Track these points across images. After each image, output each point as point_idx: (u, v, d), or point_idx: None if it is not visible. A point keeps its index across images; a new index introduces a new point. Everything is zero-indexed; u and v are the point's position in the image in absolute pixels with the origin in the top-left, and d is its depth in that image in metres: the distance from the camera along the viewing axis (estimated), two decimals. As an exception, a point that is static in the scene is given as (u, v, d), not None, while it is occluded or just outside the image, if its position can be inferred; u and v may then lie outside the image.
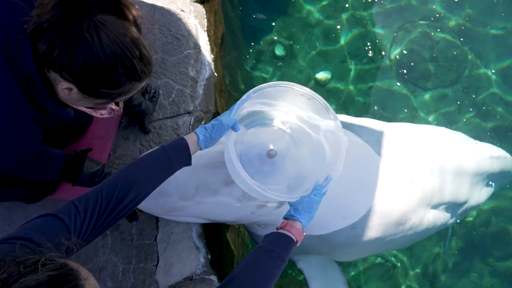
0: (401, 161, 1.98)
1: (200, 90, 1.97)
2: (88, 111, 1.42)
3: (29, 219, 0.92)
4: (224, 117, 1.32)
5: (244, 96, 1.38)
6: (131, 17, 1.08)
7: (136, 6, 1.10)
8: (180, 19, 2.01)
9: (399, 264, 2.94)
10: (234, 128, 1.33)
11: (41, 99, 1.15)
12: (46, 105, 1.17)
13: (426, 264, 2.95)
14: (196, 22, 2.09)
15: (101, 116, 1.50)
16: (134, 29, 1.08)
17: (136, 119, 1.79)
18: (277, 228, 1.25)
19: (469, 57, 3.18)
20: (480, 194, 2.42)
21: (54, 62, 1.02)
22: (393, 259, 2.95)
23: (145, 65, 1.10)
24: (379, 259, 2.94)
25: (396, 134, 2.12)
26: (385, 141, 2.00)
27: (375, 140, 1.96)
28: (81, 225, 0.95)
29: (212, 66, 2.09)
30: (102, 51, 1.00)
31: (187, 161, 1.24)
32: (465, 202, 2.31)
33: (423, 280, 2.93)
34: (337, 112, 2.85)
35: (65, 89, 1.09)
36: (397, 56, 3.15)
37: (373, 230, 1.86)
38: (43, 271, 0.62)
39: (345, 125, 2.00)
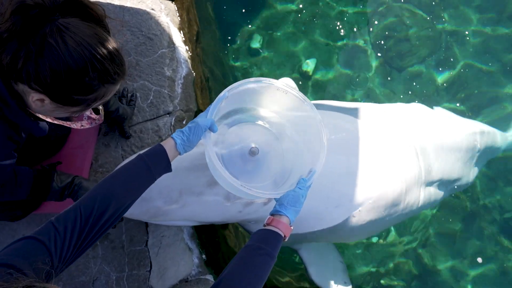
0: (392, 142, 1.97)
1: (179, 89, 1.93)
2: (67, 124, 1.34)
3: (9, 243, 0.89)
4: (200, 119, 1.29)
5: (220, 95, 1.35)
6: (96, 17, 1.02)
7: (101, 7, 1.05)
8: (151, 18, 1.97)
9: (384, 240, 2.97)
10: (211, 128, 1.30)
11: (12, 115, 1.09)
12: (18, 121, 1.12)
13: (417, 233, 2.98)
14: (168, 20, 2.05)
15: (82, 128, 1.44)
16: (101, 30, 1.03)
17: (115, 124, 1.75)
18: (264, 225, 1.23)
19: (443, 33, 3.18)
20: (471, 170, 2.44)
21: (20, 73, 0.97)
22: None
23: (118, 66, 1.05)
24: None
25: (385, 114, 2.11)
26: (374, 123, 1.99)
27: (363, 123, 1.95)
28: (62, 245, 0.92)
29: (189, 64, 2.06)
30: (69, 55, 0.95)
31: (167, 168, 1.21)
32: (457, 178, 2.32)
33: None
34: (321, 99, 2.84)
35: (36, 101, 1.03)
36: (375, 39, 3.14)
37: (370, 214, 1.86)
38: None
39: (334, 109, 1.99)
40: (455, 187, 2.40)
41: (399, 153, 1.95)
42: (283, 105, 1.53)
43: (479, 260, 2.89)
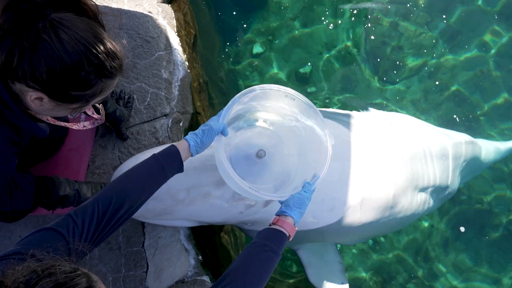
0: (385, 147, 1.99)
1: (175, 91, 1.95)
2: (69, 125, 1.35)
3: (15, 239, 0.91)
4: (213, 122, 1.33)
5: (230, 102, 1.38)
6: (90, 13, 1.02)
7: (95, 3, 1.04)
8: (148, 21, 1.98)
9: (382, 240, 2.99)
10: (223, 132, 1.34)
11: (12, 117, 1.08)
12: (18, 123, 1.11)
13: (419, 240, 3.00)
14: (165, 22, 2.07)
15: (84, 128, 1.45)
16: (95, 24, 1.02)
17: (112, 126, 1.76)
18: (270, 224, 1.27)
19: (436, 42, 3.20)
20: (457, 179, 2.47)
21: (16, 71, 0.96)
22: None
23: (114, 60, 1.04)
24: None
25: (378, 122, 2.14)
26: (366, 130, 2.01)
27: (356, 129, 1.97)
28: (79, 238, 0.95)
29: (186, 66, 2.07)
30: (64, 50, 0.94)
31: (179, 168, 1.25)
32: (447, 186, 2.35)
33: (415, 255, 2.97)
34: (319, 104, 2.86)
35: (35, 100, 1.02)
36: (370, 48, 3.16)
37: (365, 216, 1.87)
38: (60, 273, 0.66)
39: (326, 116, 2.01)
40: (445, 195, 2.43)
41: (391, 158, 1.98)
42: (290, 111, 1.56)
43: (462, 229, 2.92)
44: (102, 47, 1.00)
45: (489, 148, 2.74)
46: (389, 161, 1.97)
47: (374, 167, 1.90)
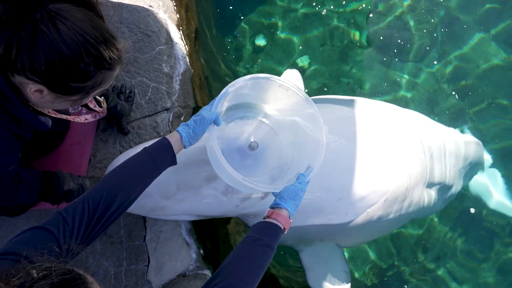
0: (395, 139, 1.94)
1: (177, 86, 1.94)
2: (71, 118, 1.35)
3: (17, 233, 0.91)
4: (205, 112, 1.31)
5: (223, 91, 1.36)
6: (88, 3, 1.01)
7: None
8: (148, 15, 1.97)
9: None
10: (216, 122, 1.32)
11: (14, 110, 1.08)
12: (20, 116, 1.11)
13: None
14: (166, 16, 2.06)
15: (86, 121, 1.45)
16: (93, 15, 1.01)
17: (113, 121, 1.76)
18: (264, 218, 1.25)
19: (436, 29, 3.19)
20: (461, 180, 2.45)
21: (15, 63, 0.96)
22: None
23: (113, 51, 1.03)
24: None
25: (388, 111, 2.08)
26: (379, 117, 1.96)
27: (367, 117, 1.92)
28: (70, 235, 0.94)
29: (187, 61, 2.07)
30: (62, 42, 0.94)
31: (172, 161, 1.23)
32: (452, 186, 2.32)
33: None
34: (320, 94, 2.85)
35: (35, 92, 1.02)
36: (375, 34, 3.15)
37: (376, 208, 1.83)
38: (56, 276, 0.65)
39: (339, 103, 1.98)
40: (448, 196, 2.40)
41: (405, 148, 1.92)
42: (284, 102, 1.54)
43: (472, 210, 2.89)
44: (101, 38, 0.99)
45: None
46: (404, 151, 1.90)
47: (387, 156, 1.83)
